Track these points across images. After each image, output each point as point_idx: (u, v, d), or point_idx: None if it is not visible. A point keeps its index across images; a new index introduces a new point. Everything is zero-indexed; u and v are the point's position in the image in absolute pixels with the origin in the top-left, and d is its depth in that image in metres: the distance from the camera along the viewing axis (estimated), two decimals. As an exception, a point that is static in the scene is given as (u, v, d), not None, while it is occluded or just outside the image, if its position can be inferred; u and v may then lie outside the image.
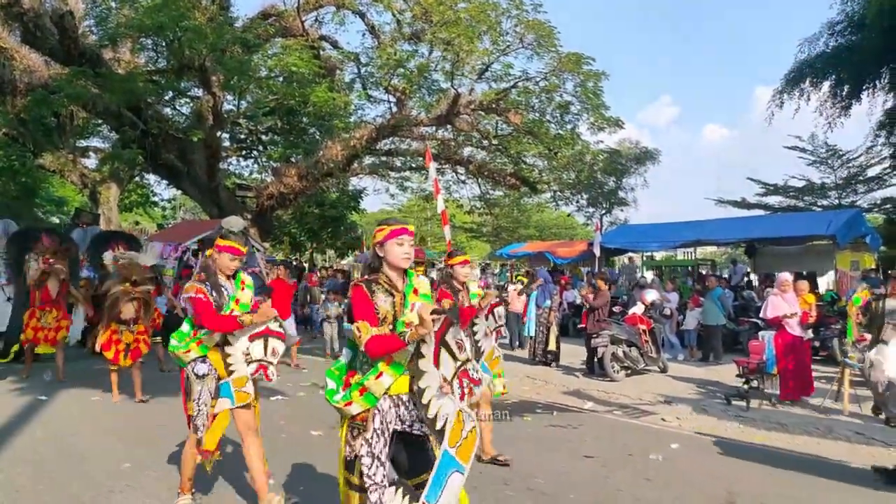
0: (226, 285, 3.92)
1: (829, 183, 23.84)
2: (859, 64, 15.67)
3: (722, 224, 15.70)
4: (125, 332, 7.26)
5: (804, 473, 5.15)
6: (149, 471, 4.71)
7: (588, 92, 16.72)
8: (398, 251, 2.84)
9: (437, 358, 2.69)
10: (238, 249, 3.96)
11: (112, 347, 7.17)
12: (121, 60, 15.70)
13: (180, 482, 4.05)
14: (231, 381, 3.85)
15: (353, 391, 2.72)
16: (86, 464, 4.86)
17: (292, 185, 16.66)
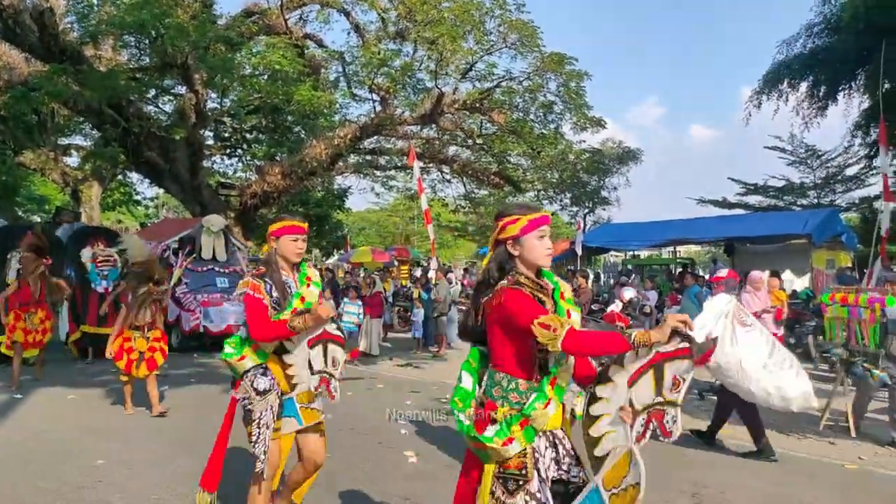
0: (289, 281, 3.23)
1: (809, 182, 24.20)
2: (836, 65, 15.94)
3: (702, 223, 15.92)
4: (139, 338, 6.48)
5: (767, 465, 5.28)
6: (121, 467, 4.74)
7: (571, 92, 16.88)
8: (540, 247, 2.29)
9: (634, 379, 2.18)
10: (300, 227, 3.25)
11: (124, 356, 6.42)
12: (102, 58, 15.60)
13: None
14: (295, 396, 3.23)
15: (513, 425, 2.15)
16: (58, 460, 4.88)
17: (276, 184, 16.65)
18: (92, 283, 10.15)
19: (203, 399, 7.34)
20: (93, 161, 17.41)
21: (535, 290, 2.26)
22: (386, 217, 37.23)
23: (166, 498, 4.17)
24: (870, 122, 16.68)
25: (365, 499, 4.26)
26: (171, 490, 4.29)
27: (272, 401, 3.16)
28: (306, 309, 3.14)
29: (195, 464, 4.85)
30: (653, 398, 2.14)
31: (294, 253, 3.22)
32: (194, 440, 5.50)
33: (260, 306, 3.06)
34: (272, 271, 3.18)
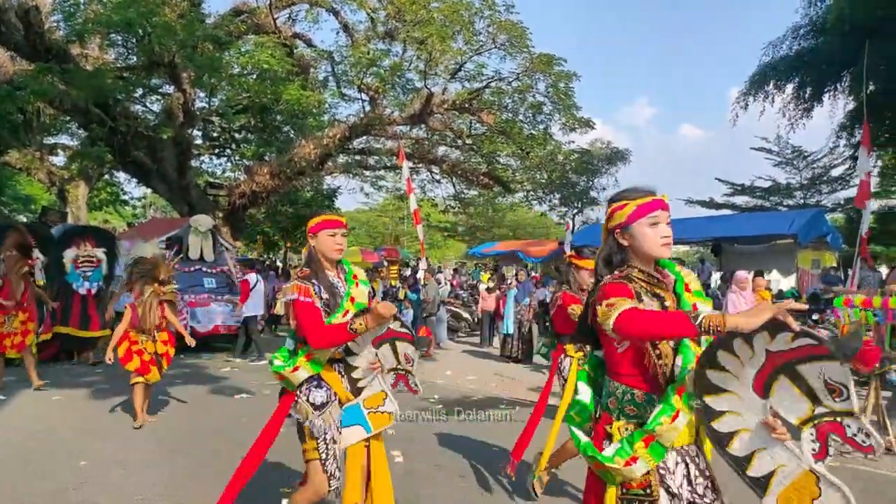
0: (336, 281, 3.00)
1: (795, 183, 24.41)
2: (821, 67, 16.10)
3: (690, 223, 16.01)
4: (147, 342, 6.06)
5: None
6: (106, 467, 4.72)
7: (560, 92, 16.96)
8: (653, 236, 2.03)
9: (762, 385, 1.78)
10: (338, 221, 3.01)
11: (135, 358, 5.99)
12: (89, 56, 15.51)
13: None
14: (362, 401, 3.05)
15: (636, 442, 1.91)
16: (43, 461, 4.85)
17: (265, 184, 16.60)
18: (73, 285, 9.95)
19: (190, 400, 7.32)
20: (79, 160, 17.28)
21: (650, 284, 2.01)
22: (375, 217, 37.19)
23: (151, 498, 4.15)
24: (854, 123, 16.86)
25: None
26: (156, 490, 4.28)
27: (334, 413, 2.94)
28: (362, 310, 2.91)
29: (181, 464, 4.85)
30: (808, 409, 1.73)
31: (334, 249, 2.98)
32: (180, 441, 5.49)
33: (314, 311, 2.80)
34: (317, 271, 2.93)
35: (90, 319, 9.84)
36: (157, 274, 6.22)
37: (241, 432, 5.90)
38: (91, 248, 10.24)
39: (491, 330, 13.14)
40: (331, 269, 3.01)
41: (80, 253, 10.10)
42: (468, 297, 16.76)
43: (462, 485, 4.58)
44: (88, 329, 9.81)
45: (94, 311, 9.92)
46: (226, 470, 4.68)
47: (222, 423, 6.27)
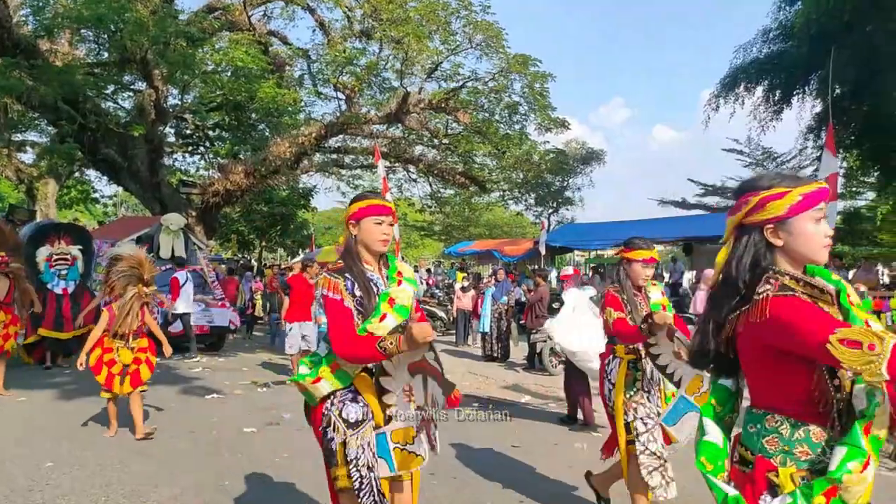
0: (375, 277, 2.54)
1: (765, 184, 24.78)
2: (790, 70, 16.36)
3: (661, 223, 16.26)
4: (122, 348, 5.51)
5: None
6: (71, 469, 4.65)
7: (535, 93, 17.09)
8: (817, 235, 1.65)
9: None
10: (385, 207, 2.54)
11: (104, 369, 5.46)
12: (58, 52, 15.21)
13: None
14: (389, 432, 2.45)
15: (814, 496, 1.50)
16: (6, 463, 4.76)
17: (239, 182, 16.46)
18: (47, 284, 9.54)
19: (157, 402, 7.23)
20: (49, 158, 16.96)
21: (813, 295, 1.60)
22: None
23: (116, 499, 4.11)
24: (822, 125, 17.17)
25: (323, 499, 4.25)
26: (120, 491, 4.23)
27: (369, 435, 2.41)
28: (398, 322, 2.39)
29: (148, 466, 4.80)
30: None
31: (379, 240, 2.51)
32: (148, 442, 5.43)
33: (343, 311, 2.37)
34: (353, 264, 2.50)
35: (65, 320, 9.40)
36: (141, 273, 5.64)
37: (210, 433, 5.88)
38: (66, 245, 9.82)
39: (466, 329, 13.19)
40: (372, 263, 2.57)
41: (55, 250, 9.69)
42: (444, 297, 16.80)
43: (433, 482, 4.60)
44: (63, 330, 9.39)
45: (68, 312, 9.48)
46: (192, 471, 4.68)
47: (192, 423, 6.22)
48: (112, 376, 5.47)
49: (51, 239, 9.81)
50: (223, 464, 4.90)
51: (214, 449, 5.32)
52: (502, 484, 4.62)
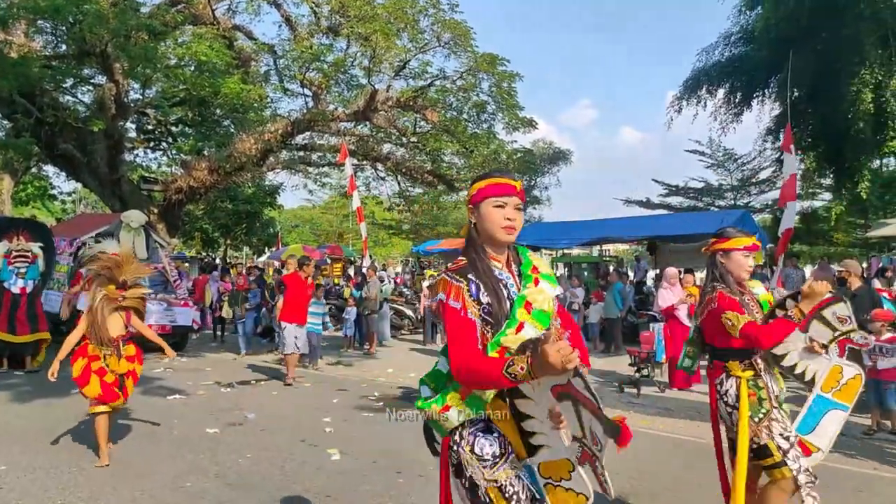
0: (506, 276, 2.09)
1: (726, 185, 25.42)
2: (751, 73, 16.84)
3: (626, 222, 16.45)
4: (111, 356, 4.90)
5: (680, 452, 5.55)
6: (24, 472, 4.51)
7: (503, 92, 17.15)
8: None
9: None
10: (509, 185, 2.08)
11: (94, 379, 4.80)
12: (13, 43, 14.71)
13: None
14: (538, 465, 2.13)
15: None
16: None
17: (202, 179, 16.16)
18: (3, 283, 9.01)
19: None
20: (3, 153, 16.41)
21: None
22: (319, 214, 36.73)
23: (73, 501, 4.00)
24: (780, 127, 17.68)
25: (286, 499, 4.20)
26: (77, 494, 4.12)
27: (516, 466, 2.00)
28: (539, 333, 1.96)
29: (106, 468, 4.68)
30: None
31: (501, 227, 2.04)
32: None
33: (464, 325, 1.93)
34: (477, 260, 2.05)
35: (19, 323, 8.88)
36: (115, 275, 4.97)
37: (171, 434, 5.77)
38: (25, 241, 9.30)
39: (434, 327, 13.18)
40: (499, 258, 2.10)
41: (13, 247, 9.17)
42: (412, 295, 16.76)
43: (399, 480, 4.59)
44: (17, 333, 8.85)
45: (23, 314, 8.95)
46: (152, 473, 4.58)
47: (150, 424, 6.09)
48: (108, 387, 4.80)
49: (9, 235, 9.29)
50: (185, 465, 4.81)
51: (176, 450, 5.22)
52: (468, 481, 4.63)
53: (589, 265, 18.23)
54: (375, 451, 5.31)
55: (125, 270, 5.06)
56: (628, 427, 1.83)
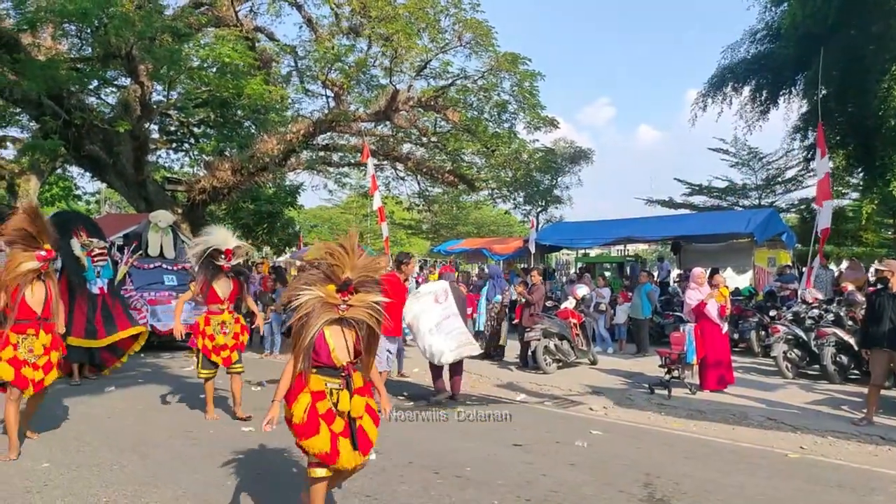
0: None
1: (751, 184, 25.12)
2: (777, 71, 16.61)
3: (650, 222, 16.35)
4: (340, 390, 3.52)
5: (717, 456, 5.47)
6: (68, 469, 4.55)
7: (524, 91, 17.10)
8: None
9: None
10: None
11: (323, 430, 3.27)
12: (41, 46, 14.92)
13: None
14: None
15: None
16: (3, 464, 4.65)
17: (225, 180, 16.28)
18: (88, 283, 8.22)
19: (150, 400, 7.14)
20: (31, 154, 16.62)
21: None
22: (339, 214, 36.86)
23: (116, 499, 4.03)
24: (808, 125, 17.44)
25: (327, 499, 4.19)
26: (121, 492, 4.15)
27: None
28: None
29: (143, 467, 4.72)
30: None
31: None
32: (140, 442, 5.34)
33: None
34: None
35: (98, 327, 8.14)
36: (334, 271, 3.38)
37: (208, 432, 5.80)
38: (86, 238, 8.45)
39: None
40: None
41: (86, 242, 8.35)
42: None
43: (438, 481, 4.57)
44: (97, 337, 8.11)
45: (101, 316, 8.20)
46: (192, 472, 4.60)
47: (189, 423, 6.13)
48: (335, 440, 3.39)
49: (74, 231, 8.41)
50: (223, 463, 4.82)
51: (213, 449, 5.23)
52: (506, 483, 4.59)
53: (612, 265, 18.12)
54: (410, 451, 5.29)
55: (350, 264, 3.38)
56: None
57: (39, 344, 4.99)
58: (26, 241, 4.93)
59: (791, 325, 9.29)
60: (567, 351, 9.97)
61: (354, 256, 3.35)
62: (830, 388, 8.37)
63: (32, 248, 4.92)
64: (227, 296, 6.26)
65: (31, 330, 4.95)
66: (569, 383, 8.76)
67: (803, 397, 7.86)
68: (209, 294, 6.21)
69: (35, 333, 4.97)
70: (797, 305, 9.84)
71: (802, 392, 8.18)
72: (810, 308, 9.48)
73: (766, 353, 10.41)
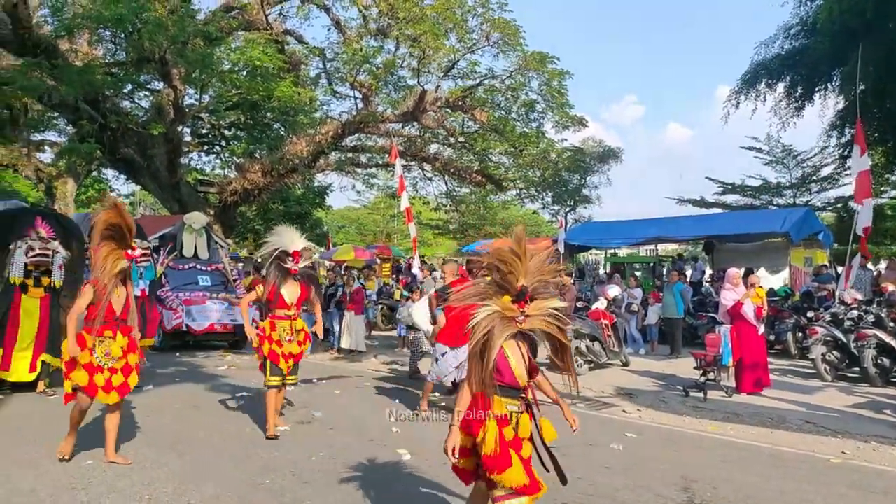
0: None
1: (785, 182, 24.61)
2: (812, 66, 16.24)
3: (681, 221, 16.11)
4: (522, 414, 3.17)
5: (756, 460, 5.36)
6: (110, 467, 4.64)
7: (552, 90, 17.01)
8: None
9: None
10: None
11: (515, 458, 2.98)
12: (78, 52, 15.31)
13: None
14: None
15: None
16: (43, 462, 4.76)
17: (256, 181, 16.53)
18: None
19: (187, 398, 7.25)
20: (68, 157, 17.05)
21: None
22: (366, 215, 37.08)
23: (158, 497, 4.10)
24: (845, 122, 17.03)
25: (366, 499, 4.22)
26: (162, 489, 4.22)
27: None
28: None
29: (183, 463, 4.79)
30: None
31: None
32: (178, 440, 5.42)
33: None
34: None
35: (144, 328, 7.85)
36: (508, 280, 3.02)
37: (244, 431, 5.87)
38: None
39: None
40: None
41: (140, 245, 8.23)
42: (460, 296, 16.72)
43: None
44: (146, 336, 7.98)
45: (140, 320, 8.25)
46: (231, 470, 4.66)
47: (225, 422, 6.21)
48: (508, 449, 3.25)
49: None
50: (261, 463, 4.87)
51: (251, 448, 5.29)
52: (542, 484, 4.55)
53: (643, 265, 17.90)
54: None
55: (523, 269, 2.98)
56: None
57: (117, 346, 4.72)
58: (117, 239, 4.65)
59: (830, 326, 9.08)
60: (598, 352, 9.88)
61: (526, 260, 2.97)
62: (871, 391, 8.15)
63: (122, 246, 4.66)
64: (295, 301, 5.87)
65: (108, 332, 4.67)
66: (601, 385, 8.67)
67: (843, 400, 7.68)
68: (275, 298, 5.83)
69: (113, 336, 4.70)
70: (835, 306, 9.62)
71: (842, 395, 7.98)
72: (849, 309, 9.26)
73: (803, 356, 10.19)
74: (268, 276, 5.88)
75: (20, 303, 7.20)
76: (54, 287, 7.34)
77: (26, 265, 7.13)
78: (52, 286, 7.32)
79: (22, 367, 7.13)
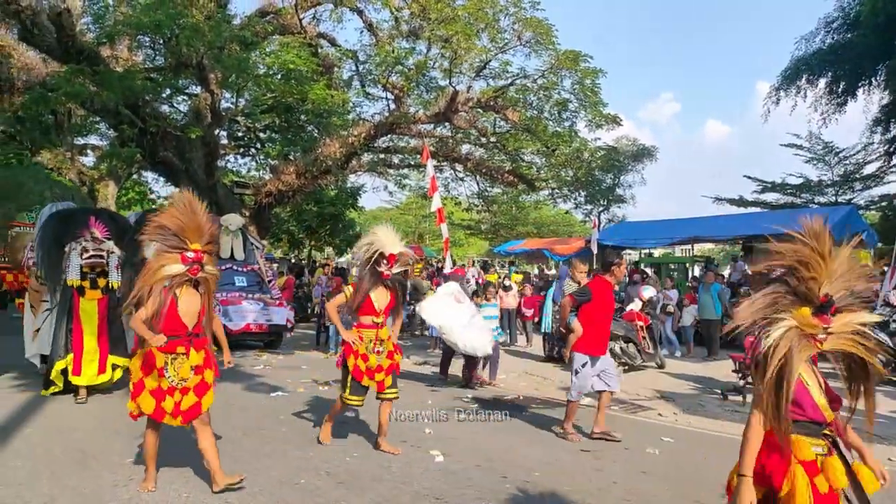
0: None
1: (827, 180, 23.94)
2: (855, 61, 15.77)
3: (718, 221, 15.81)
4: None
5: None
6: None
7: (586, 89, 16.81)
8: None
9: None
10: None
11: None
12: (118, 58, 15.69)
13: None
14: None
15: None
16: (85, 458, 4.89)
17: (290, 183, 16.72)
18: None
19: (223, 398, 7.34)
20: (109, 161, 17.51)
21: None
22: (398, 215, 37.27)
23: (196, 494, 4.17)
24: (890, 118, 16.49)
25: (399, 499, 4.23)
26: (198, 487, 4.29)
27: None
28: None
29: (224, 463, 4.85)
30: None
31: None
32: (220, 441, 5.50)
33: None
34: None
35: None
36: (810, 288, 2.53)
37: (279, 430, 5.94)
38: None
39: (512, 328, 13.08)
40: None
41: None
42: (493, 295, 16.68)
43: (506, 485, 4.53)
44: None
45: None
46: (266, 469, 4.72)
47: (260, 421, 6.30)
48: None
49: None
50: (296, 463, 4.93)
51: (285, 448, 5.35)
52: (574, 489, 4.51)
53: (678, 266, 17.60)
54: (477, 453, 5.27)
55: (828, 272, 2.44)
56: None
57: (188, 366, 4.16)
58: (170, 240, 4.09)
59: (874, 329, 8.77)
60: (633, 354, 9.75)
61: (832, 262, 2.40)
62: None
63: (177, 248, 4.08)
64: (383, 308, 5.32)
65: (180, 348, 4.13)
66: (636, 388, 8.55)
67: (889, 405, 7.42)
68: (364, 304, 5.28)
69: (185, 352, 4.15)
70: (880, 308, 9.30)
71: (888, 400, 7.71)
72: (895, 311, 8.95)
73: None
74: (362, 280, 5.36)
75: (79, 306, 7.20)
76: (112, 288, 7.27)
77: (81, 267, 7.09)
78: (108, 287, 7.27)
79: (91, 371, 7.17)
